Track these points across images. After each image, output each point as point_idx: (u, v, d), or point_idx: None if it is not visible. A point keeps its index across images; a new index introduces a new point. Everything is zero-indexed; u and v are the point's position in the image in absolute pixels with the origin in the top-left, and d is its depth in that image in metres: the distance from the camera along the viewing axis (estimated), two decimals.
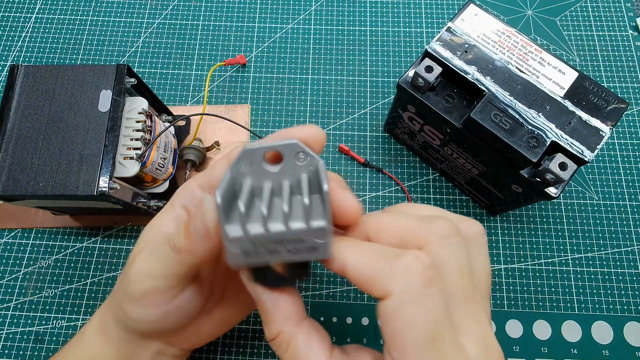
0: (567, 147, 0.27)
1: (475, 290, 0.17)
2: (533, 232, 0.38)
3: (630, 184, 0.39)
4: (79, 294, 0.36)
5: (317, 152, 0.18)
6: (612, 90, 0.42)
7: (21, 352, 0.34)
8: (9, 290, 0.36)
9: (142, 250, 0.21)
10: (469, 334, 0.16)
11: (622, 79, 0.42)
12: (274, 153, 0.18)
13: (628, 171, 0.39)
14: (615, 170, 0.39)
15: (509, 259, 0.37)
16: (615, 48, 0.43)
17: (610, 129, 0.27)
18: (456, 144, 0.33)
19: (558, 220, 0.38)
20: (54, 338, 0.35)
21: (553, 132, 0.27)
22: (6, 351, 0.34)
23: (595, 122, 0.28)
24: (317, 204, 0.16)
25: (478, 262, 0.18)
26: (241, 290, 0.26)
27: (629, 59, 0.43)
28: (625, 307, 0.35)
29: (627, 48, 0.43)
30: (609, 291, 0.36)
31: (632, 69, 0.43)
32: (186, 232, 0.19)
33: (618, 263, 0.37)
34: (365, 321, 0.35)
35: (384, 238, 0.18)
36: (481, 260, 0.18)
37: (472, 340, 0.16)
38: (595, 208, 0.38)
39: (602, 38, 0.44)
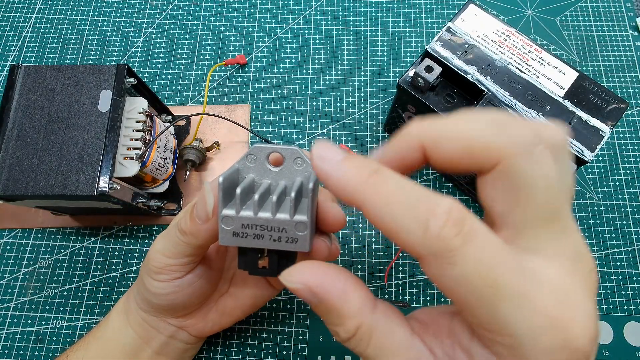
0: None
1: (565, 203, 0.14)
2: None
3: (630, 184, 0.39)
4: (79, 294, 0.36)
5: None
6: (612, 90, 0.42)
7: (21, 352, 0.34)
8: (9, 290, 0.36)
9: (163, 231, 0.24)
10: (560, 250, 0.14)
11: (622, 79, 0.42)
12: (276, 155, 0.20)
13: (628, 171, 0.39)
14: (615, 170, 0.39)
15: None
16: (615, 48, 0.43)
17: (610, 129, 0.27)
18: None
19: None
20: (54, 338, 0.35)
21: None
22: (6, 351, 0.34)
23: (595, 122, 0.28)
24: (305, 204, 0.18)
25: (565, 174, 0.15)
26: (245, 285, 0.28)
27: (629, 59, 0.43)
28: (625, 307, 0.35)
29: (627, 48, 0.43)
30: (609, 291, 0.36)
31: (632, 69, 0.43)
32: (190, 216, 0.21)
33: (618, 263, 0.37)
34: None
35: (446, 148, 0.15)
36: (567, 170, 0.15)
37: (563, 257, 0.14)
38: (595, 208, 0.38)
39: (602, 38, 0.44)
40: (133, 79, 0.32)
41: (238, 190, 0.17)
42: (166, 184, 0.36)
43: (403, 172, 0.16)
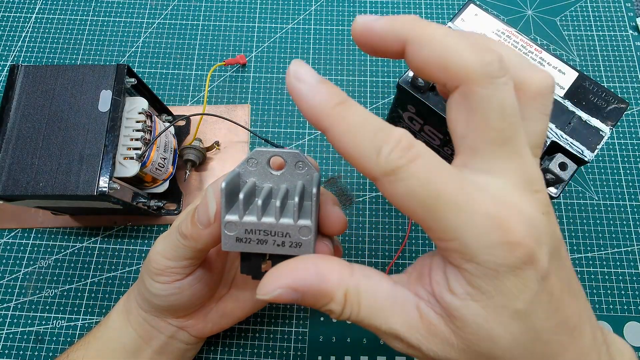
0: (567, 147, 0.27)
1: (518, 130, 0.15)
2: None
3: (630, 184, 0.39)
4: (79, 294, 0.36)
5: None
6: (612, 90, 0.42)
7: (21, 352, 0.34)
8: (9, 290, 0.36)
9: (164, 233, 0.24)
10: (507, 171, 0.15)
11: (622, 79, 0.42)
12: (278, 158, 0.20)
13: (628, 171, 0.39)
14: (615, 170, 0.39)
15: None
16: (615, 48, 0.43)
17: (610, 129, 0.27)
18: None
19: (558, 220, 0.38)
20: (54, 338, 0.35)
21: (553, 132, 0.27)
22: (6, 351, 0.34)
23: (595, 122, 0.28)
24: (308, 208, 0.19)
25: (537, 120, 0.16)
26: (246, 287, 0.28)
27: (629, 59, 0.43)
28: (625, 307, 0.35)
29: (627, 48, 0.43)
30: (609, 291, 0.36)
31: (632, 69, 0.43)
32: (192, 220, 0.21)
33: (618, 263, 0.37)
34: None
35: (425, 52, 0.15)
36: (540, 118, 0.16)
37: (510, 175, 0.15)
38: (595, 208, 0.38)
39: (602, 38, 0.44)
40: (133, 79, 0.32)
41: (241, 196, 0.17)
42: (166, 184, 0.36)
43: (377, 53, 0.17)
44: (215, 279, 0.27)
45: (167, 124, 0.35)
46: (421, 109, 0.32)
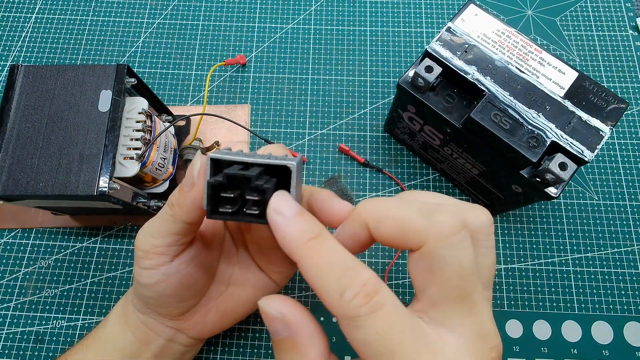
0: (567, 147, 0.27)
1: (476, 285, 0.16)
2: (533, 232, 0.38)
3: (630, 184, 0.39)
4: (79, 294, 0.36)
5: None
6: (612, 90, 0.42)
7: (21, 352, 0.34)
8: (9, 290, 0.36)
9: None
10: (464, 327, 0.16)
11: (622, 79, 0.42)
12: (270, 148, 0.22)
13: (628, 171, 0.39)
14: (615, 170, 0.39)
15: (509, 259, 0.37)
16: (615, 48, 0.43)
17: (610, 129, 0.27)
18: (456, 144, 0.33)
19: (558, 220, 0.38)
20: (54, 338, 0.35)
21: (553, 132, 0.27)
22: (6, 351, 0.35)
23: (595, 122, 0.28)
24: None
25: (484, 256, 0.17)
26: (245, 283, 0.28)
27: (629, 59, 0.43)
28: (625, 307, 0.35)
29: (627, 48, 0.43)
30: (609, 291, 0.36)
31: (632, 69, 0.43)
32: (179, 188, 0.21)
33: (618, 263, 0.37)
34: None
35: (383, 229, 0.17)
36: (487, 253, 0.18)
37: (466, 332, 0.16)
38: (595, 208, 0.38)
39: (602, 38, 0.44)
40: (133, 79, 0.32)
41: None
42: (166, 184, 0.36)
43: (357, 249, 0.19)
44: (206, 271, 0.26)
45: (167, 124, 0.35)
46: (421, 109, 0.32)
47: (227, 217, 0.18)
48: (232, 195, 0.18)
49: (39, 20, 0.45)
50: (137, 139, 0.31)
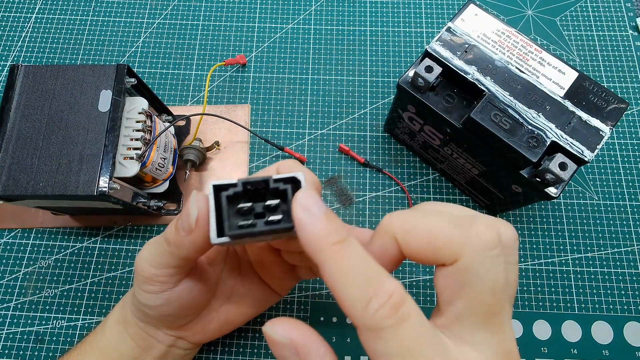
0: (567, 147, 0.27)
1: (505, 303, 0.16)
2: (533, 232, 0.38)
3: (630, 184, 0.39)
4: (79, 294, 0.36)
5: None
6: (612, 90, 0.42)
7: (21, 352, 0.34)
8: (9, 290, 0.36)
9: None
10: (489, 346, 0.16)
11: (622, 79, 0.42)
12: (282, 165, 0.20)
13: (628, 171, 0.39)
14: (615, 170, 0.39)
15: None
16: (615, 48, 0.43)
17: (610, 129, 0.27)
18: (456, 144, 0.33)
19: (558, 220, 0.38)
20: (54, 338, 0.35)
21: (553, 132, 0.27)
22: (6, 351, 0.34)
23: (595, 122, 0.28)
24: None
25: (511, 272, 0.16)
26: (246, 294, 0.28)
27: (629, 59, 0.43)
28: (625, 307, 0.35)
29: (627, 48, 0.43)
30: (609, 291, 0.36)
31: (632, 69, 0.43)
32: (175, 227, 0.20)
33: (618, 263, 0.37)
34: None
35: (413, 243, 0.16)
36: (513, 269, 0.17)
37: (491, 352, 0.15)
38: (595, 208, 0.38)
39: (602, 38, 0.44)
40: (133, 79, 0.32)
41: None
42: (166, 184, 0.36)
43: (387, 267, 0.17)
44: (209, 289, 0.25)
45: (167, 124, 0.35)
46: (421, 109, 0.32)
47: (246, 234, 0.17)
48: (249, 205, 0.17)
49: (39, 20, 0.45)
50: (137, 139, 0.31)
